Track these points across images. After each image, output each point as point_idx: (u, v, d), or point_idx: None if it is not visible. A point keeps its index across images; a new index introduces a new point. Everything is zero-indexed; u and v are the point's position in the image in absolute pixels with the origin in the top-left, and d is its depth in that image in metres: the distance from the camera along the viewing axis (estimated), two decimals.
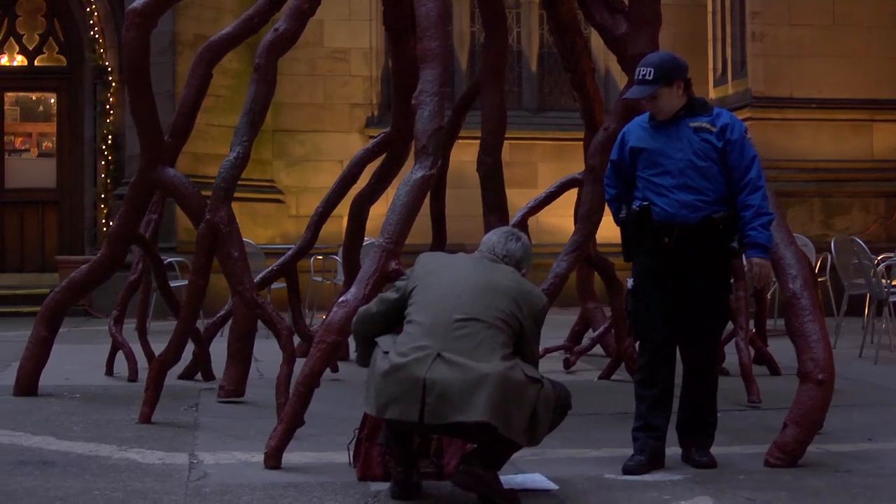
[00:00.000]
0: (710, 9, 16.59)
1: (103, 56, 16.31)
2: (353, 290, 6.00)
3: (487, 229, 7.26)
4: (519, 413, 4.83)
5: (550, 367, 8.11)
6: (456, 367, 4.79)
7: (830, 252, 11.68)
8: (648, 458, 5.65)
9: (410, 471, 5.04)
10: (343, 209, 9.91)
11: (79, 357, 9.96)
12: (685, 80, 5.78)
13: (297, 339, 8.05)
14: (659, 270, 5.75)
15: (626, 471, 5.58)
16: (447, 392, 4.76)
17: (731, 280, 6.10)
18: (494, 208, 8.66)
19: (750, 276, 5.86)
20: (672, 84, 5.74)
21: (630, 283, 5.87)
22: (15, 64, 17.20)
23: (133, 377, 8.63)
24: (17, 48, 17.15)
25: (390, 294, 5.24)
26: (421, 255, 5.36)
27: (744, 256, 5.79)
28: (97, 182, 16.44)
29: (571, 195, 9.80)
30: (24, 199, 17.02)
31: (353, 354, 9.41)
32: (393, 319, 5.20)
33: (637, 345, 6.14)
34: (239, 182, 7.35)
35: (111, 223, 12.51)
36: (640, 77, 5.79)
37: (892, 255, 11.25)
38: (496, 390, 4.76)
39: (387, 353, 4.96)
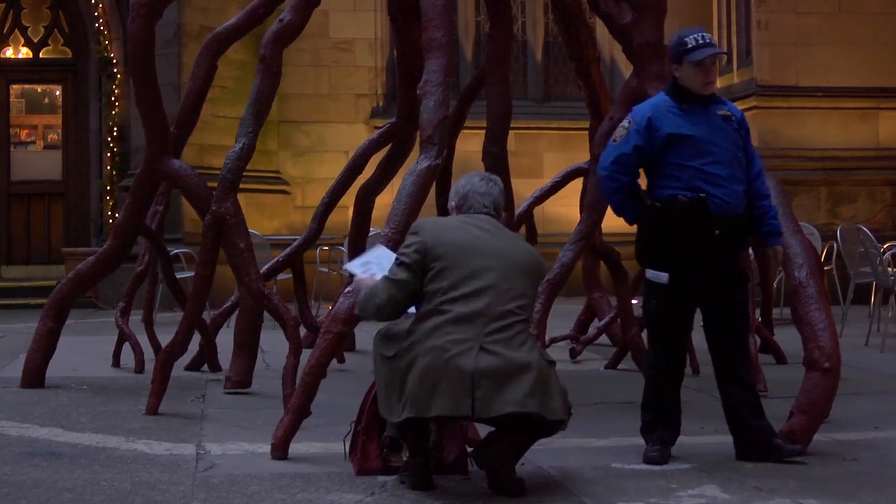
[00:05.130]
0: None
1: (108, 48, 16.31)
2: None
3: None
4: (556, 396, 4.93)
5: (556, 356, 8.08)
6: (500, 358, 4.82)
7: (836, 240, 11.68)
8: (667, 449, 5.61)
9: (427, 461, 5.05)
10: (349, 200, 9.91)
11: (86, 348, 9.96)
12: None
13: (303, 330, 8.06)
14: (696, 263, 5.56)
15: (649, 461, 5.51)
16: (495, 384, 4.78)
17: None
18: None
19: (755, 264, 5.85)
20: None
21: (656, 274, 5.61)
22: (20, 56, 17.20)
23: (140, 368, 8.64)
24: (23, 40, 17.15)
25: (405, 276, 5.00)
26: (425, 227, 5.11)
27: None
28: (103, 174, 16.43)
29: (577, 184, 9.80)
30: (30, 191, 17.04)
31: (359, 345, 9.53)
32: (413, 297, 5.06)
33: (646, 336, 6.06)
34: (244, 173, 7.36)
35: (117, 215, 12.53)
36: (702, 40, 5.54)
37: None
38: (539, 379, 4.84)
39: (410, 349, 4.88)
